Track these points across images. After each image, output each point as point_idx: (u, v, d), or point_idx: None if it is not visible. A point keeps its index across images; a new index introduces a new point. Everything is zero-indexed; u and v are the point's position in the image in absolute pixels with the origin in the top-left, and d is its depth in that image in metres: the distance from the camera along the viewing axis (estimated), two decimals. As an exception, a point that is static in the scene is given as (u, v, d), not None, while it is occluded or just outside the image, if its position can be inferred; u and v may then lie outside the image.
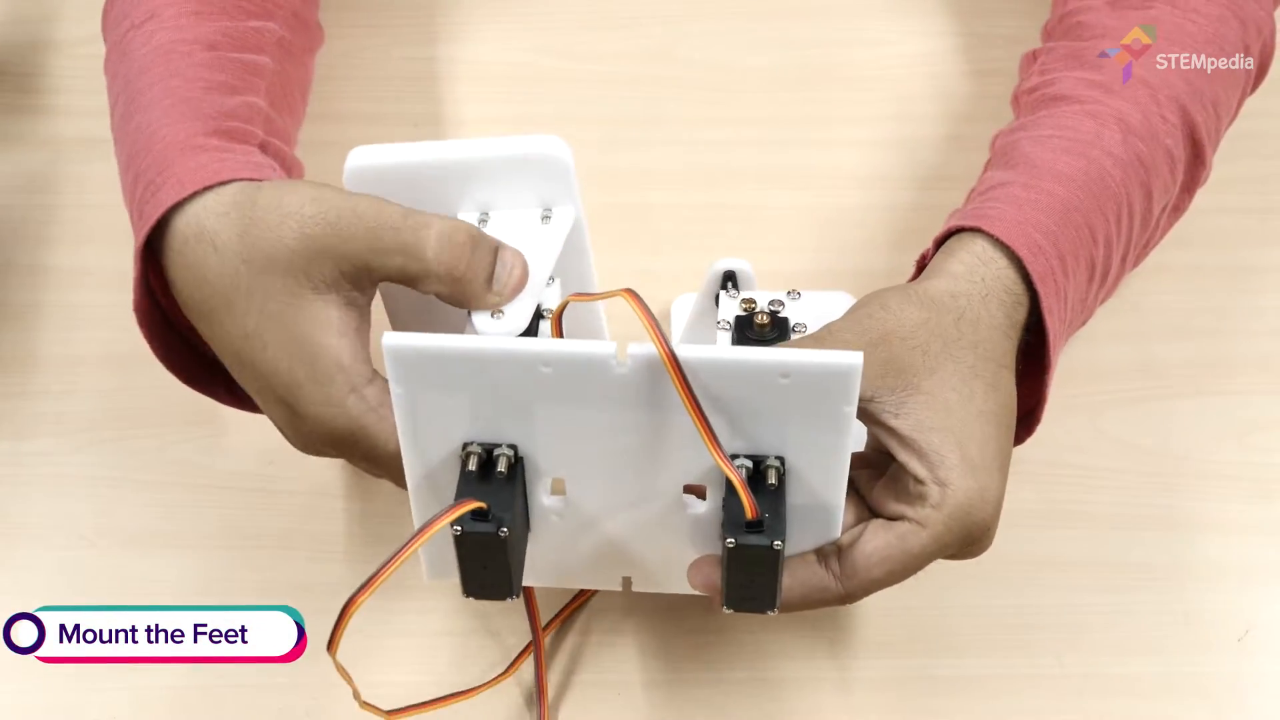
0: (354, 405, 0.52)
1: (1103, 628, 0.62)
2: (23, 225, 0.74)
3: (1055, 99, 0.62)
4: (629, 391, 0.48)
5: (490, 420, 0.49)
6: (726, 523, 0.49)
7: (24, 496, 0.65)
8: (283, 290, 0.51)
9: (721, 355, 0.48)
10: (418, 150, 0.54)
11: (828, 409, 0.48)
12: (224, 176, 0.54)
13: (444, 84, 0.79)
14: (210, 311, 0.53)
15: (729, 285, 0.61)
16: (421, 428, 0.50)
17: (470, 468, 0.50)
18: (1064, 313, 0.57)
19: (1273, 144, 0.77)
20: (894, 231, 0.74)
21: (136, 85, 0.59)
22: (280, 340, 0.52)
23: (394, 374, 0.48)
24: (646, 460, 0.51)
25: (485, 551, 0.50)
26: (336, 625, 0.49)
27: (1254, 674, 0.61)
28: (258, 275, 0.52)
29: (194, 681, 0.61)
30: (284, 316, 0.52)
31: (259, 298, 0.52)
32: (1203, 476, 0.66)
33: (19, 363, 0.69)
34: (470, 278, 0.51)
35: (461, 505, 0.48)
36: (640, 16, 0.82)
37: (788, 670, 0.61)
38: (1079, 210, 0.57)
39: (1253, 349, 0.70)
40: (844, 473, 0.50)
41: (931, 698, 0.61)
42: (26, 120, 0.77)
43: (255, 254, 0.52)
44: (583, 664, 0.61)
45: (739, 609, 0.52)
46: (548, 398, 0.49)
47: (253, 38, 0.62)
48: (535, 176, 0.54)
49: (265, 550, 0.64)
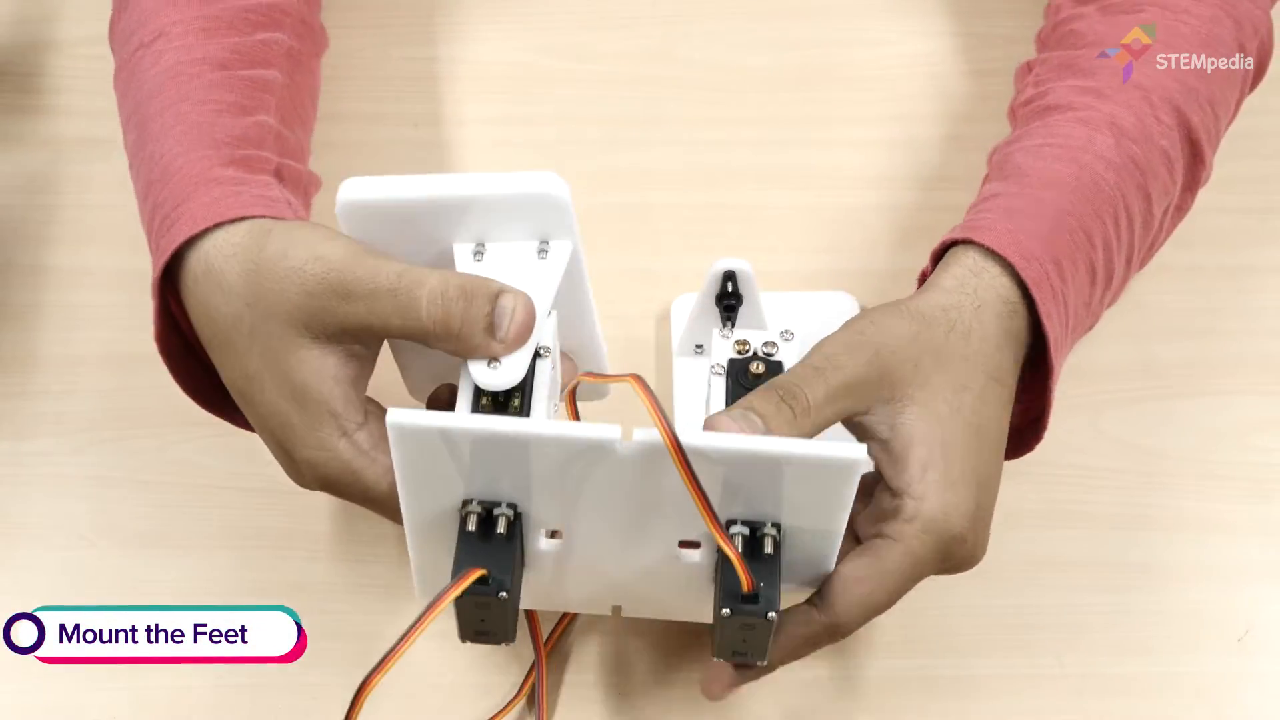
0: (345, 450, 0.53)
1: (1103, 628, 0.62)
2: (23, 225, 0.74)
3: (1048, 109, 0.62)
4: (630, 468, 0.49)
5: (490, 482, 0.50)
6: (722, 593, 0.50)
7: (24, 496, 0.65)
8: (282, 338, 0.52)
9: (726, 445, 0.48)
10: (412, 186, 0.53)
11: (829, 491, 0.50)
12: (235, 213, 0.54)
13: (444, 84, 0.79)
14: (217, 347, 0.55)
15: (729, 285, 0.61)
16: (421, 490, 0.51)
17: (470, 528, 0.50)
18: (1064, 317, 0.57)
19: (1273, 144, 0.77)
20: (894, 231, 0.74)
21: (148, 110, 0.60)
22: (277, 384, 0.53)
23: (396, 449, 0.49)
24: (643, 521, 0.51)
25: (484, 610, 0.51)
26: (352, 707, 0.50)
27: (1254, 674, 0.61)
28: (260, 320, 0.52)
29: (194, 681, 0.61)
30: (282, 363, 0.52)
31: (260, 341, 0.53)
32: (1203, 476, 0.66)
33: (19, 363, 0.69)
34: (467, 332, 0.51)
35: (465, 578, 0.48)
36: (640, 16, 0.82)
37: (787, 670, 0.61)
38: (1072, 215, 0.57)
39: (1253, 349, 0.70)
40: (840, 534, 0.51)
41: (931, 698, 0.61)
42: (27, 120, 0.77)
43: (259, 300, 0.52)
44: (581, 664, 0.61)
45: (729, 660, 0.53)
46: (549, 472, 0.49)
47: (261, 52, 0.62)
48: (532, 213, 0.53)
49: (264, 550, 0.64)
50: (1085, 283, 0.58)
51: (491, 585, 0.49)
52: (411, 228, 0.54)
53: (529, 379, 0.52)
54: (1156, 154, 0.60)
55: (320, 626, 0.62)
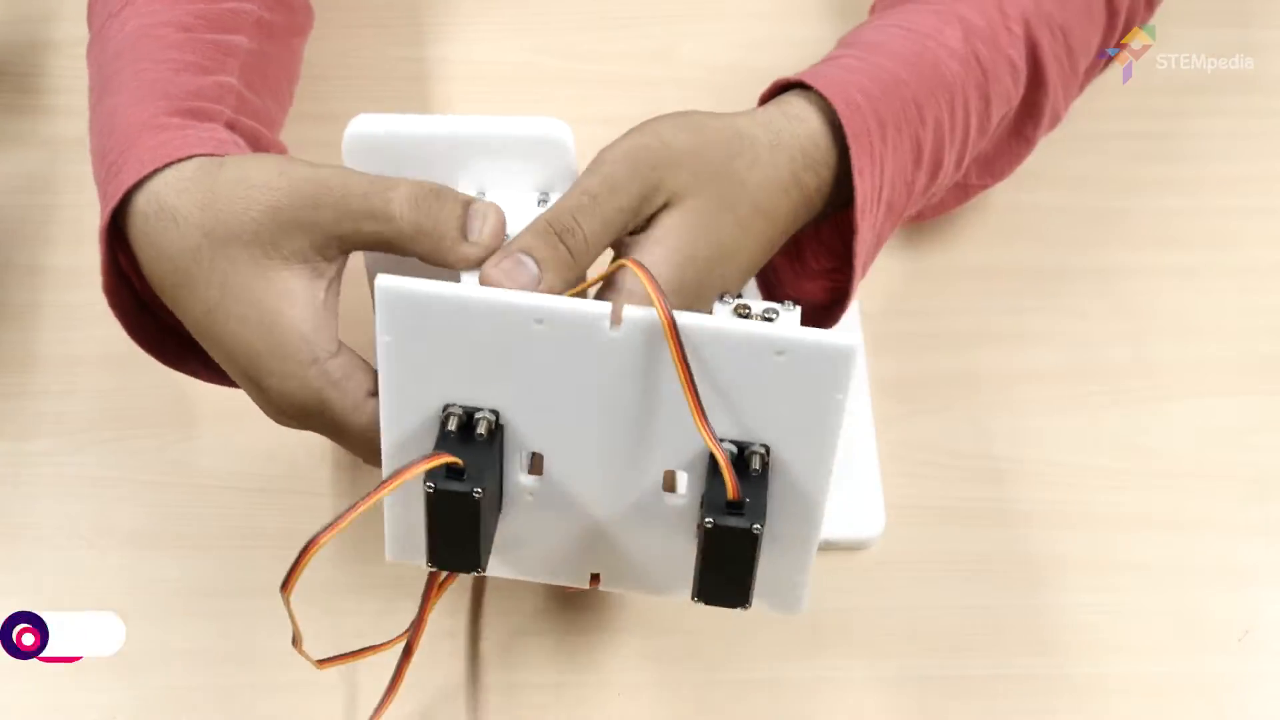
0: (315, 377, 0.51)
1: (1103, 628, 0.62)
2: (22, 225, 0.74)
3: (902, 3, 0.62)
4: (620, 358, 0.48)
5: (474, 382, 0.49)
6: (706, 503, 0.48)
7: (24, 496, 0.65)
8: (246, 261, 0.51)
9: (719, 324, 0.47)
10: (418, 122, 0.54)
11: (819, 392, 0.48)
12: (184, 153, 0.53)
13: (443, 84, 0.79)
14: (173, 287, 0.53)
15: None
16: (404, 381, 0.49)
17: (450, 428, 0.49)
18: (878, 182, 0.55)
19: (1273, 144, 0.77)
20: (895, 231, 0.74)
21: (108, 71, 0.59)
22: (241, 313, 0.51)
23: (383, 320, 0.48)
24: (629, 439, 0.50)
25: (457, 515, 0.49)
26: (295, 566, 0.49)
27: (1254, 674, 0.61)
28: (220, 247, 0.51)
29: (194, 681, 0.61)
30: (246, 288, 0.51)
31: (220, 270, 0.51)
32: (1203, 476, 0.66)
33: (19, 363, 0.69)
34: (442, 231, 0.51)
35: (438, 456, 0.47)
36: (640, 16, 0.82)
37: (787, 671, 0.61)
38: (907, 86, 0.57)
39: (1253, 349, 0.70)
40: (831, 468, 0.50)
41: (931, 698, 0.61)
42: (26, 120, 0.77)
43: (218, 226, 0.51)
44: (581, 665, 0.61)
45: (710, 602, 0.50)
46: (537, 357, 0.48)
47: (228, 19, 0.61)
48: (535, 158, 0.53)
49: (264, 550, 0.64)
50: (909, 159, 0.57)
51: (467, 480, 0.48)
52: (416, 167, 0.53)
53: None
54: (1002, 60, 0.60)
55: (320, 626, 0.62)
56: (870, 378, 0.68)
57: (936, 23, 0.60)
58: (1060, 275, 0.72)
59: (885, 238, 0.59)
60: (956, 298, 0.71)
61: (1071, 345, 0.70)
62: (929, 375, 0.69)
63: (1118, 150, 0.77)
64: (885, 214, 0.57)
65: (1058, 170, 0.76)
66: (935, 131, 0.58)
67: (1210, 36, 0.81)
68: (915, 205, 0.60)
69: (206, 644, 0.61)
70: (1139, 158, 0.77)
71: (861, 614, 0.62)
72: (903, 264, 0.73)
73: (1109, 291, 0.72)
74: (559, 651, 0.61)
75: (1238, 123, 0.77)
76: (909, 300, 0.71)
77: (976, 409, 0.68)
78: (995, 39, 0.60)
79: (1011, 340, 0.70)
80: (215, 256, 0.51)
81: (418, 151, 0.53)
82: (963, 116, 0.59)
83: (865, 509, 0.63)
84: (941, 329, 0.70)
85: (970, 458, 0.66)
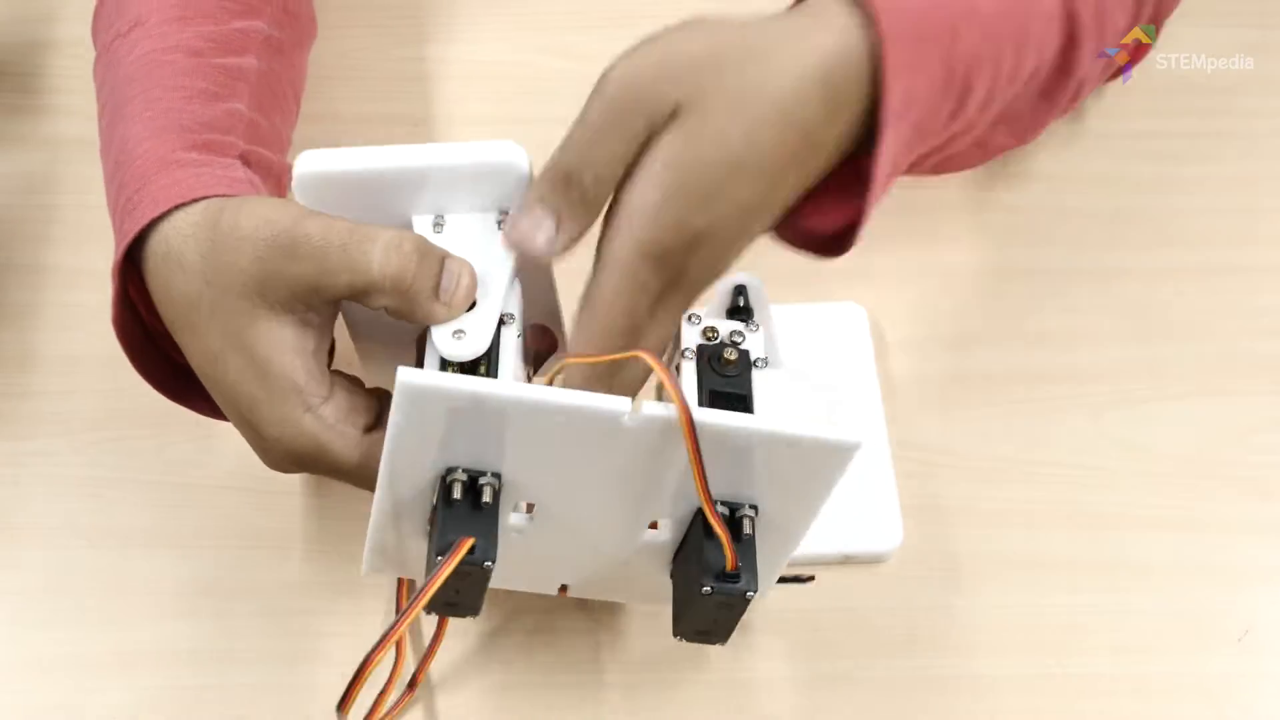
0: (310, 424, 0.53)
1: (1103, 628, 0.62)
2: (22, 225, 0.74)
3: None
4: (632, 442, 0.49)
5: (481, 452, 0.49)
6: (705, 569, 0.50)
7: (24, 496, 0.65)
8: (240, 312, 0.52)
9: (737, 423, 0.49)
10: (368, 156, 0.53)
11: (818, 475, 0.50)
12: (195, 194, 0.54)
13: (443, 84, 0.79)
14: (180, 330, 0.54)
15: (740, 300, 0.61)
16: (409, 456, 0.50)
17: (455, 495, 0.49)
18: (911, 89, 0.51)
19: (1272, 144, 0.77)
20: (896, 231, 0.74)
21: (120, 96, 0.59)
22: (240, 361, 0.52)
23: (399, 408, 0.48)
24: (625, 498, 0.51)
25: (462, 581, 0.50)
26: (352, 685, 0.51)
27: (1254, 674, 0.61)
28: (219, 296, 0.52)
29: (194, 682, 0.61)
30: (242, 337, 0.52)
31: (220, 319, 0.52)
32: (1203, 476, 0.66)
33: (19, 363, 0.69)
34: (418, 289, 0.51)
35: (460, 548, 0.48)
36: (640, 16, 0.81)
37: (787, 670, 0.61)
38: (944, 6, 0.52)
39: (1253, 349, 0.70)
40: (814, 519, 0.52)
41: (932, 698, 0.61)
42: (26, 120, 0.77)
43: (216, 276, 0.52)
44: (578, 664, 0.61)
45: (691, 640, 0.53)
46: (548, 438, 0.49)
47: (237, 40, 0.62)
48: (491, 182, 0.53)
49: (264, 550, 0.64)
50: (939, 79, 0.52)
51: (478, 555, 0.48)
52: (370, 200, 0.53)
53: (494, 347, 0.52)
54: (1039, 13, 0.56)
55: (321, 626, 0.62)
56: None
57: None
58: (1061, 275, 0.72)
59: (901, 169, 0.55)
60: (956, 298, 0.71)
61: (1071, 345, 0.70)
62: (929, 375, 0.69)
63: (1118, 150, 0.77)
64: (911, 135, 0.53)
65: (1058, 170, 0.76)
66: (967, 60, 0.53)
67: (1210, 36, 0.81)
68: (938, 138, 0.55)
69: (206, 644, 0.61)
70: (1139, 158, 0.77)
71: (862, 614, 0.62)
72: (903, 264, 0.73)
73: (1110, 291, 0.72)
74: (559, 651, 0.61)
75: (1238, 123, 0.77)
76: (909, 300, 0.71)
77: (976, 409, 0.68)
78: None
79: (1012, 340, 0.70)
80: (215, 306, 0.52)
81: (370, 184, 0.53)
82: (995, 52, 0.54)
83: (883, 523, 0.63)
84: (941, 329, 0.70)
85: (970, 458, 0.66)
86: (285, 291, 0.51)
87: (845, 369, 0.67)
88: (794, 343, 0.67)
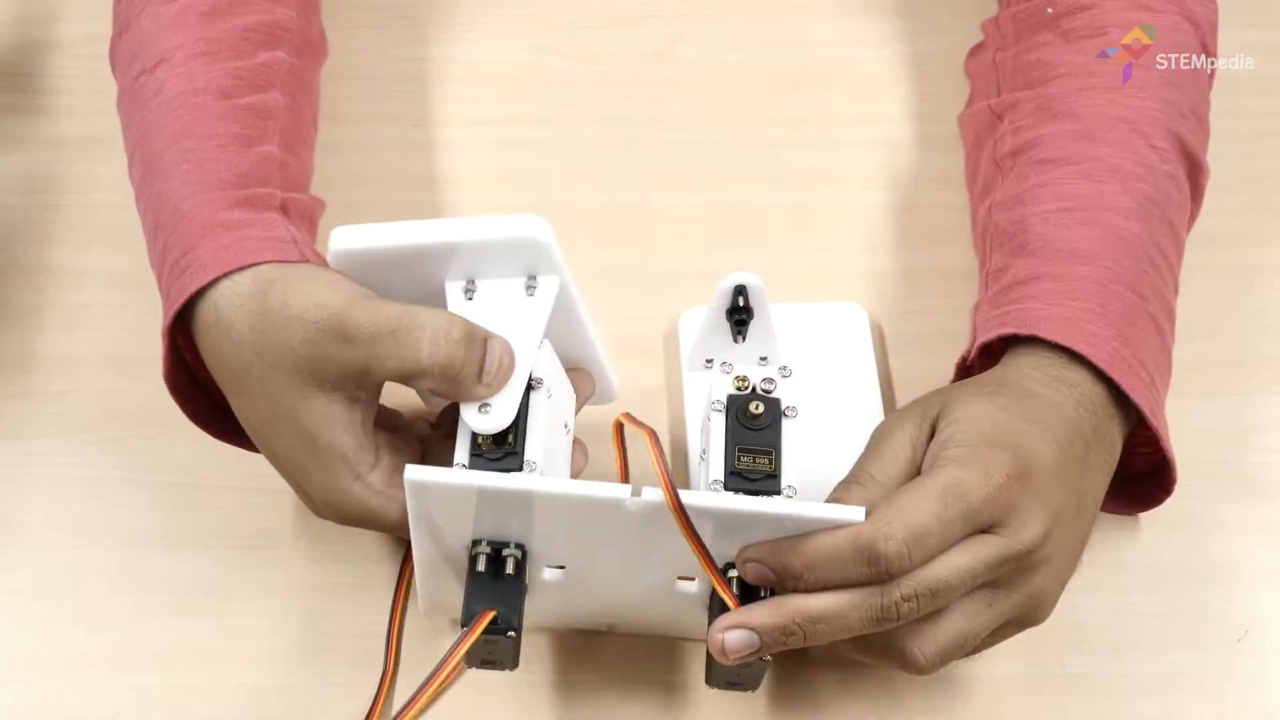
0: (359, 491, 0.54)
1: (1103, 628, 0.62)
2: (24, 225, 0.74)
3: (1042, 163, 0.62)
4: (636, 520, 0.51)
5: (499, 526, 0.52)
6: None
7: (24, 496, 0.65)
8: (290, 387, 0.53)
9: (727, 506, 0.51)
10: (400, 232, 0.55)
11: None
12: (244, 261, 0.55)
13: (443, 84, 0.79)
14: (231, 393, 0.56)
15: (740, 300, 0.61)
16: (432, 533, 0.53)
17: (479, 568, 0.52)
18: (1145, 376, 0.57)
19: (1273, 144, 0.77)
20: (896, 232, 0.74)
21: (154, 144, 0.60)
22: (290, 431, 0.54)
23: (410, 499, 0.51)
24: (643, 560, 0.54)
25: (495, 646, 0.53)
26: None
27: (1254, 674, 0.61)
28: (269, 370, 0.54)
29: (194, 682, 0.61)
30: (292, 410, 0.54)
31: (270, 391, 0.54)
32: (1203, 477, 0.66)
33: (19, 363, 0.69)
34: (465, 375, 0.52)
35: (478, 624, 0.51)
36: (640, 16, 0.81)
37: (785, 671, 0.61)
38: (1116, 282, 0.58)
39: (1253, 349, 0.70)
40: None
41: (932, 698, 0.60)
42: (26, 120, 0.77)
43: (266, 350, 0.53)
44: (575, 665, 0.61)
45: (723, 689, 0.55)
46: (558, 521, 0.52)
47: (263, 75, 0.63)
48: (518, 253, 0.55)
49: (265, 550, 0.64)
50: (1153, 335, 0.59)
51: (501, 624, 0.51)
52: (404, 272, 0.55)
53: (522, 413, 0.54)
54: (1164, 181, 0.61)
55: (322, 626, 0.62)
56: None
57: (1094, 187, 0.60)
58: (1060, 275, 0.72)
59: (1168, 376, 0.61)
60: (957, 298, 0.71)
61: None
62: (929, 375, 0.69)
63: (1118, 150, 0.77)
64: (1160, 389, 0.59)
65: (1058, 170, 0.77)
66: (1157, 297, 0.59)
67: (1210, 36, 0.81)
68: (1170, 353, 0.61)
69: (206, 644, 0.62)
70: (1139, 158, 0.77)
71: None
72: (905, 264, 0.73)
73: (1109, 291, 0.72)
74: (559, 651, 0.61)
75: (1238, 123, 0.77)
76: (911, 301, 0.71)
77: (976, 409, 0.68)
78: (1150, 168, 0.61)
79: (1011, 340, 0.70)
80: (265, 378, 0.54)
81: (404, 259, 0.55)
82: (1162, 259, 0.61)
83: None
84: (942, 329, 0.70)
85: (970, 458, 0.66)
86: (335, 374, 0.53)
87: (845, 369, 0.67)
88: (794, 343, 0.67)
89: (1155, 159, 0.61)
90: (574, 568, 0.55)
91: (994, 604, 0.52)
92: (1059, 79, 0.64)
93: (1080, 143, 0.62)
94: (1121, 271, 0.58)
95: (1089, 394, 0.56)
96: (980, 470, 0.51)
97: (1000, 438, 0.52)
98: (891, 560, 0.49)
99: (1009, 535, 0.51)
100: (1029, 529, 0.51)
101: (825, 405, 0.66)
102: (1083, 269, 0.58)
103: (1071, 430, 0.55)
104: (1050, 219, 0.60)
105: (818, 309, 0.70)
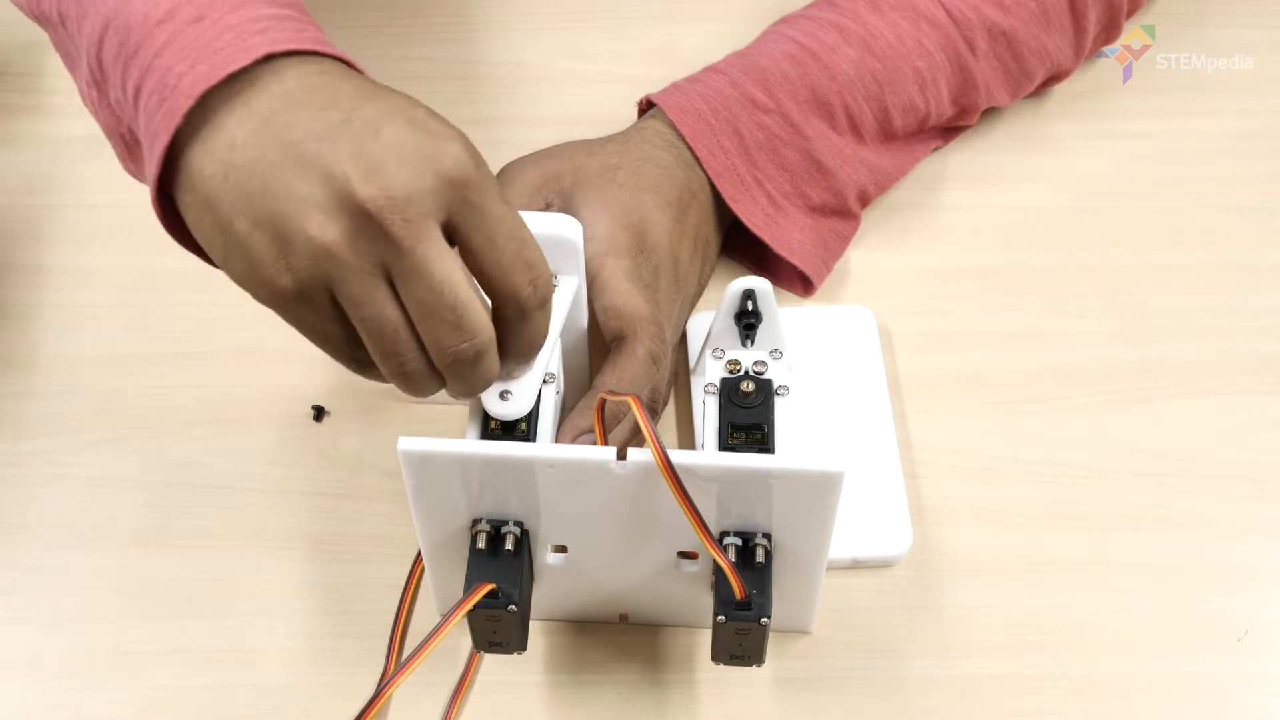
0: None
1: (1103, 628, 0.62)
2: (24, 225, 0.74)
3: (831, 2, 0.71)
4: (628, 485, 0.52)
5: (497, 502, 0.53)
6: (717, 600, 0.52)
7: (23, 496, 0.65)
8: None
9: (714, 462, 0.51)
10: None
11: (813, 501, 0.52)
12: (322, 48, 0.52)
13: (443, 84, 0.79)
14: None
15: (749, 304, 0.61)
16: (434, 509, 0.54)
17: (480, 545, 0.53)
18: (724, 157, 0.68)
19: (1273, 144, 0.77)
20: (896, 231, 0.74)
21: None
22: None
23: (407, 471, 0.52)
24: (642, 535, 0.54)
25: (496, 622, 0.53)
26: (364, 713, 0.56)
27: (1254, 674, 0.61)
28: None
29: (194, 682, 0.61)
30: None
31: None
32: (1203, 476, 0.66)
33: (19, 363, 0.69)
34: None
35: (475, 594, 0.52)
36: (640, 16, 0.82)
37: (786, 670, 0.61)
38: (737, 102, 0.69)
39: (1253, 349, 0.70)
40: (829, 541, 0.54)
41: (931, 697, 0.61)
42: (26, 120, 0.77)
43: None
44: (576, 665, 0.61)
45: (727, 663, 0.55)
46: (552, 489, 0.52)
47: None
48: (546, 251, 0.55)
49: (265, 550, 0.64)
50: (753, 130, 0.68)
51: (501, 599, 0.52)
52: None
53: (535, 405, 0.55)
54: (907, 71, 0.70)
55: (322, 626, 0.62)
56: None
57: (836, 39, 0.69)
58: (1060, 275, 0.72)
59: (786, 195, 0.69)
60: (957, 298, 0.72)
61: (1071, 345, 0.70)
62: (928, 375, 0.69)
63: (1118, 150, 0.77)
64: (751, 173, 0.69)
65: (1058, 170, 0.77)
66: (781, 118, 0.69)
67: (1210, 36, 0.81)
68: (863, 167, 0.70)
69: (206, 644, 0.62)
70: (1139, 158, 0.77)
71: (862, 614, 0.62)
72: (904, 264, 0.73)
73: (1109, 291, 0.72)
74: (559, 651, 0.61)
75: (1238, 123, 0.77)
76: (909, 301, 0.71)
77: (976, 409, 0.68)
78: (901, 55, 0.69)
79: (1011, 340, 0.70)
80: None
81: None
82: (842, 105, 0.69)
83: (893, 528, 0.63)
84: (941, 329, 0.70)
85: (970, 458, 0.66)
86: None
87: (854, 372, 0.67)
88: (803, 346, 0.67)
89: (915, 51, 0.69)
90: (576, 551, 0.55)
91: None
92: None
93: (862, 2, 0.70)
94: (745, 97, 0.69)
95: (689, 155, 0.67)
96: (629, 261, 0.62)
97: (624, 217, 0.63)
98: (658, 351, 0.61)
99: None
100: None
101: (834, 408, 0.66)
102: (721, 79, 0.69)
103: (681, 188, 0.66)
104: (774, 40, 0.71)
105: (826, 312, 0.70)
